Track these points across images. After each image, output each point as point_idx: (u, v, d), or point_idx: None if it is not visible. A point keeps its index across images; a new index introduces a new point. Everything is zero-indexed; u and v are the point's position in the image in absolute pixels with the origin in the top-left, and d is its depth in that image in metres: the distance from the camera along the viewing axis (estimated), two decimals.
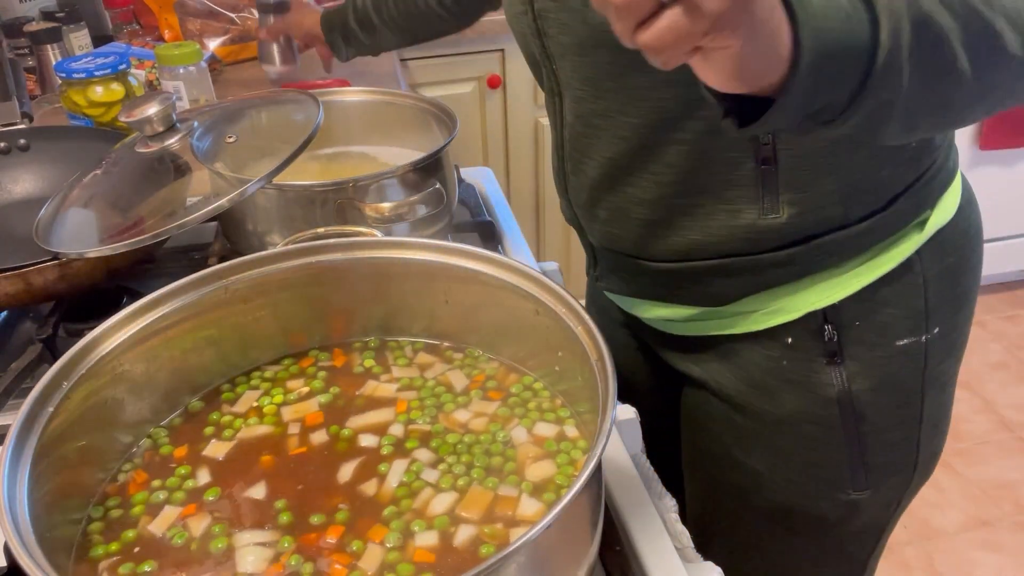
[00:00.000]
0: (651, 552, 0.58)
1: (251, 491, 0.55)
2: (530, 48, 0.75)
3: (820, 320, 0.72)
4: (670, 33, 0.39)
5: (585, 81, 0.69)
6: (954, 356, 0.78)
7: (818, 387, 0.73)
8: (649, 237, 0.74)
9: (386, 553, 0.50)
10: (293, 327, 0.66)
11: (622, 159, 0.70)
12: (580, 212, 0.80)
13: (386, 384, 0.63)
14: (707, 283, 0.74)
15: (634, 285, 0.80)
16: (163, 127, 0.78)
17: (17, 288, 0.74)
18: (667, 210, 0.71)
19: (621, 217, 0.74)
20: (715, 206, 0.69)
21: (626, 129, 0.68)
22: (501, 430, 0.58)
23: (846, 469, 0.76)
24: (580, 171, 0.76)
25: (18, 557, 0.40)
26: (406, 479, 0.55)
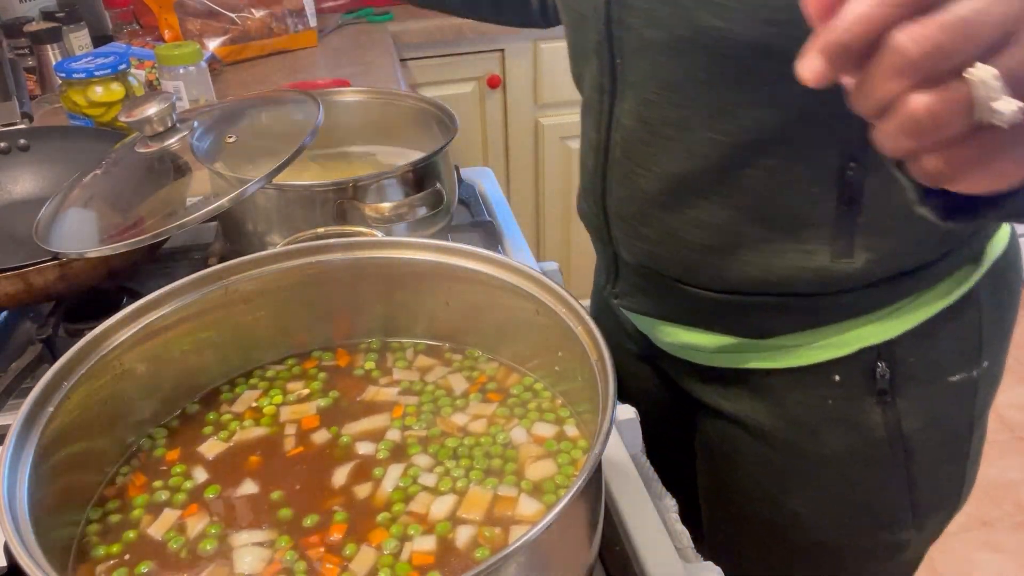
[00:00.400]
0: (651, 552, 0.58)
1: (248, 492, 0.55)
2: (586, 35, 0.66)
3: (873, 357, 0.68)
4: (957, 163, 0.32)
5: (664, 85, 0.62)
6: (996, 388, 0.76)
7: (866, 426, 0.70)
8: (702, 264, 0.68)
9: (382, 556, 0.50)
10: (294, 328, 0.66)
11: (692, 177, 0.64)
12: (619, 224, 0.72)
13: (386, 388, 0.63)
14: (753, 317, 0.69)
15: (664, 308, 0.75)
16: (163, 127, 0.78)
17: (17, 288, 0.74)
18: (730, 239, 0.65)
19: (673, 238, 0.68)
20: (784, 243, 0.64)
21: (706, 145, 0.62)
22: (501, 431, 0.58)
23: (894, 509, 0.73)
24: (631, 182, 0.68)
25: (18, 557, 0.40)
26: (402, 483, 0.55)
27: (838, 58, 0.31)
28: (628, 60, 0.63)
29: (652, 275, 0.72)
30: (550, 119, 2.06)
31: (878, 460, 0.71)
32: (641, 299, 0.76)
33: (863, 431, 0.70)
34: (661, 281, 0.72)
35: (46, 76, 1.44)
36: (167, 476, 0.56)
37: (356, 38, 1.76)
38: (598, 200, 0.73)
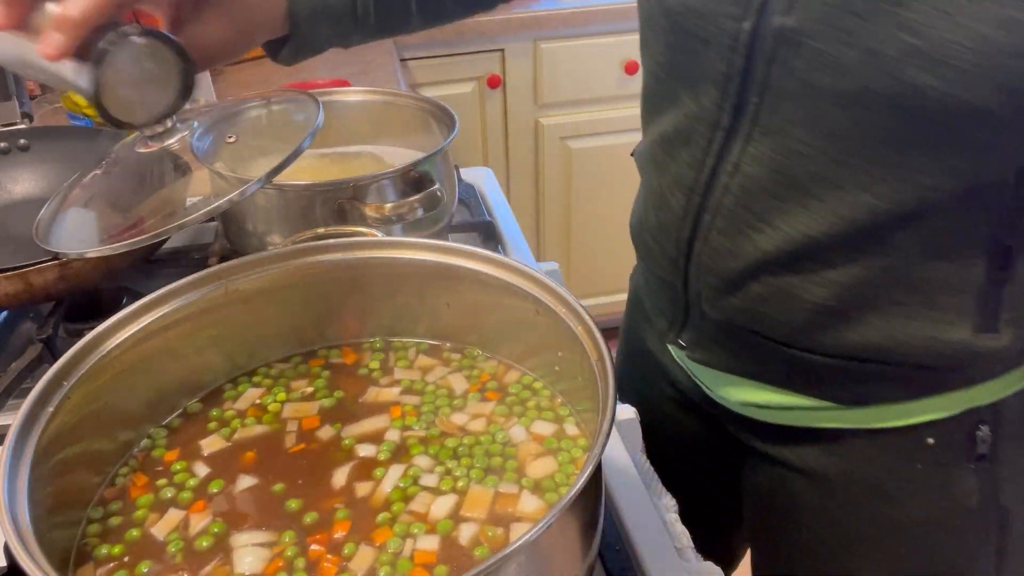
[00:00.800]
0: (651, 552, 0.58)
1: (248, 493, 0.55)
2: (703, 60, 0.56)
3: (975, 420, 0.61)
4: None
5: (822, 136, 0.53)
6: None
7: (958, 495, 0.63)
8: (815, 326, 0.60)
9: (383, 555, 0.50)
10: (294, 328, 0.66)
11: (831, 239, 0.56)
12: (709, 278, 0.63)
13: (388, 388, 0.63)
14: (858, 384, 0.62)
15: (746, 366, 0.67)
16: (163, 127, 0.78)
17: (17, 288, 0.74)
18: (857, 300, 0.58)
19: (786, 298, 0.60)
20: (919, 310, 0.57)
21: (859, 209, 0.54)
22: (500, 430, 0.58)
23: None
24: (742, 235, 0.59)
25: (18, 557, 0.40)
26: (402, 483, 0.55)
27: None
28: (773, 101, 0.54)
29: (741, 332, 0.64)
30: (550, 119, 2.05)
31: (967, 530, 0.64)
32: (718, 353, 0.68)
33: (953, 499, 0.63)
34: (752, 340, 0.64)
35: None
36: (168, 475, 0.56)
37: None
38: (680, 247, 0.64)
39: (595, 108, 2.06)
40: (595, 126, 2.07)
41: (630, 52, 1.97)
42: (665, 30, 0.60)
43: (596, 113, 2.06)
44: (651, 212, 0.68)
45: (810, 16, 0.50)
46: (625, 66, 2.00)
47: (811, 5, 0.50)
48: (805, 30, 0.50)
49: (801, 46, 0.51)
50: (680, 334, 0.70)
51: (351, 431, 0.59)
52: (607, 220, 2.20)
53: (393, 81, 1.50)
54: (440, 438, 0.58)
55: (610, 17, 1.93)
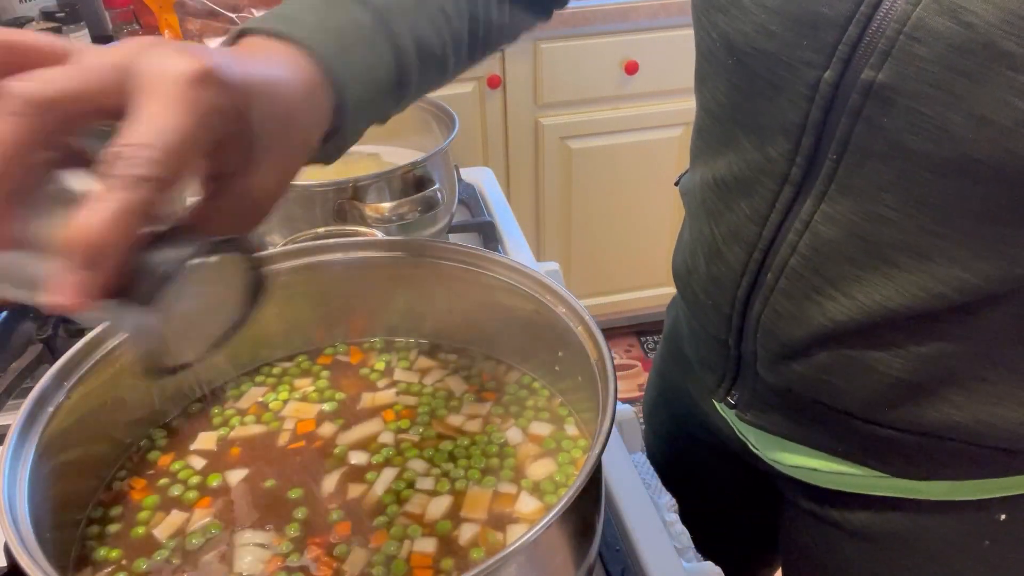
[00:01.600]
0: (651, 552, 0.58)
1: (248, 493, 0.55)
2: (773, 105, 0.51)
3: None
4: None
5: (913, 205, 0.48)
6: None
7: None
8: (890, 400, 0.55)
9: (376, 555, 0.50)
10: (295, 328, 0.66)
11: (914, 313, 0.51)
12: (768, 343, 0.58)
13: (388, 389, 0.63)
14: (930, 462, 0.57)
15: (810, 435, 0.62)
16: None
17: None
18: (940, 375, 0.53)
19: (859, 370, 0.55)
20: (1008, 389, 0.53)
21: (948, 283, 0.49)
22: (497, 431, 0.58)
23: None
24: (811, 302, 0.54)
25: (18, 557, 0.40)
26: (394, 486, 0.55)
27: None
28: (855, 161, 0.49)
29: (803, 401, 0.59)
30: (550, 119, 2.05)
31: None
32: (773, 418, 0.63)
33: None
34: (816, 409, 0.59)
35: None
36: (165, 476, 0.56)
37: None
38: (736, 305, 0.59)
39: (595, 108, 2.06)
40: (595, 126, 2.07)
41: (630, 52, 1.97)
42: (728, 69, 0.54)
43: (596, 113, 2.06)
44: (701, 261, 0.63)
45: (908, 73, 0.44)
46: (625, 66, 2.00)
47: (911, 60, 0.44)
48: (900, 88, 0.44)
49: (894, 105, 0.45)
50: (730, 393, 0.65)
51: (346, 432, 0.59)
52: (607, 220, 2.20)
53: None
54: (436, 440, 0.58)
55: (610, 17, 1.93)
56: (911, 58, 0.43)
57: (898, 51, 0.44)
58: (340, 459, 0.57)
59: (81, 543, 0.52)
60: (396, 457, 0.57)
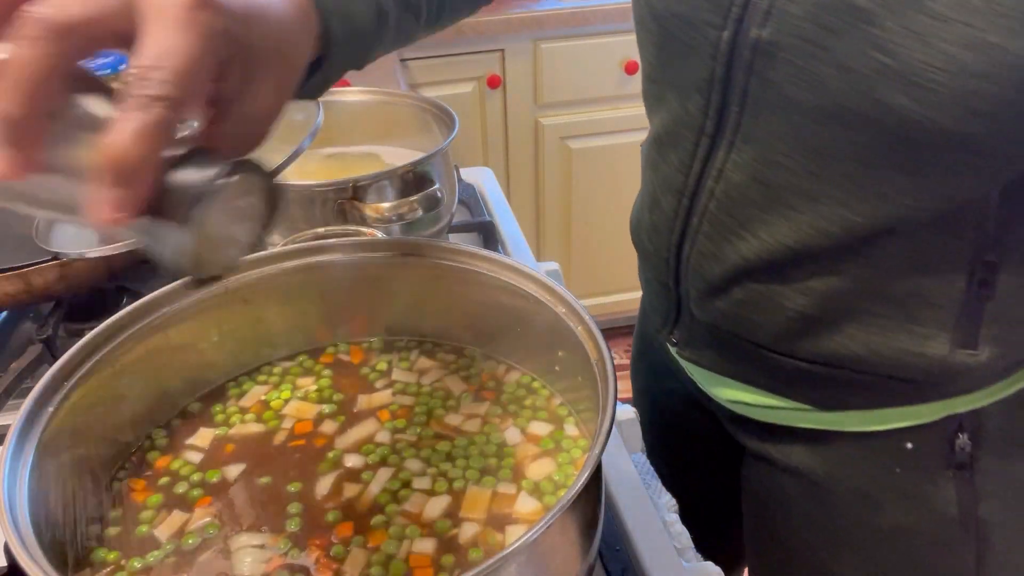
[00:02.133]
0: (651, 552, 0.58)
1: (246, 492, 0.55)
2: (688, 67, 0.57)
3: (954, 427, 0.61)
4: None
5: (802, 150, 0.54)
6: None
7: (937, 502, 0.63)
8: (797, 333, 0.61)
9: (374, 555, 0.50)
10: (295, 327, 0.66)
11: (810, 251, 0.57)
12: (696, 280, 0.65)
13: (388, 389, 0.63)
14: (839, 391, 0.63)
15: (735, 368, 0.68)
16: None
17: (17, 288, 0.74)
18: (838, 310, 0.59)
19: (768, 305, 0.61)
20: (900, 323, 0.58)
21: (835, 222, 0.55)
22: (496, 431, 0.58)
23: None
24: (726, 241, 0.60)
25: (18, 557, 0.40)
26: (390, 486, 0.54)
27: None
28: (753, 111, 0.55)
29: (726, 336, 0.65)
30: (550, 119, 2.06)
31: (945, 540, 0.64)
32: (708, 354, 0.69)
33: (932, 507, 0.63)
34: (736, 343, 0.65)
35: None
36: (167, 475, 0.56)
37: None
38: (671, 246, 0.65)
39: (595, 108, 2.06)
40: (595, 126, 2.07)
41: (630, 52, 1.97)
42: (654, 33, 0.61)
43: (596, 113, 2.06)
44: (646, 212, 0.69)
45: (784, 29, 0.50)
46: (625, 66, 2.00)
47: (785, 18, 0.50)
48: (780, 43, 0.50)
49: (776, 59, 0.51)
50: (672, 332, 0.72)
51: (344, 432, 0.59)
52: (607, 220, 2.20)
53: (393, 81, 1.50)
54: (434, 440, 0.58)
55: (610, 17, 1.93)
56: (786, 16, 0.50)
57: (776, 10, 0.50)
58: (337, 459, 0.57)
59: (81, 543, 0.52)
60: (392, 456, 0.57)
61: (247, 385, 0.64)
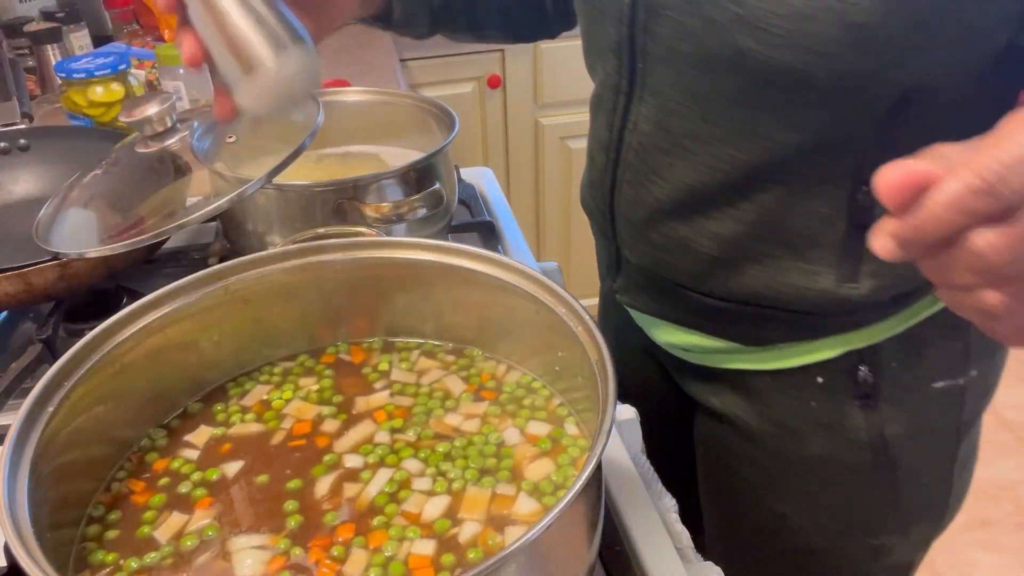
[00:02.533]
0: (651, 552, 0.58)
1: (246, 494, 0.55)
2: (604, 31, 0.65)
3: (856, 361, 0.68)
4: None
5: (690, 97, 0.61)
6: (988, 398, 0.75)
7: (849, 430, 0.70)
8: (707, 273, 0.68)
9: (374, 556, 0.50)
10: (295, 327, 0.66)
11: (707, 190, 0.64)
12: (626, 226, 0.72)
13: (384, 391, 0.63)
14: (750, 326, 0.70)
15: (664, 309, 0.76)
16: (163, 127, 0.78)
17: (17, 288, 0.74)
18: (739, 252, 0.66)
19: (682, 247, 0.68)
20: (792, 263, 0.65)
21: (724, 161, 0.62)
22: (494, 431, 0.58)
23: (877, 514, 0.73)
24: (643, 187, 0.68)
25: (18, 557, 0.40)
26: (387, 488, 0.54)
27: (911, 247, 0.35)
28: (651, 66, 0.62)
29: (653, 277, 0.73)
30: (550, 119, 2.06)
31: (861, 466, 0.71)
32: (642, 297, 0.77)
33: (846, 435, 0.70)
34: (662, 284, 0.73)
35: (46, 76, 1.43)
36: (167, 475, 0.56)
37: (356, 38, 1.76)
38: (605, 198, 0.73)
39: None
40: None
41: None
42: (580, 3, 0.69)
43: None
44: (586, 172, 0.77)
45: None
46: None
47: None
48: (663, 2, 0.58)
49: (661, 16, 0.59)
50: (615, 280, 0.78)
51: (343, 431, 0.59)
52: None
53: (393, 81, 1.50)
54: (432, 441, 0.58)
55: None
56: None
57: None
58: (335, 459, 0.57)
59: (81, 543, 0.52)
60: (390, 456, 0.57)
61: (248, 384, 0.64)
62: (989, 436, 2.08)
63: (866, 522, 0.74)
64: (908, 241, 0.34)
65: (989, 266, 0.33)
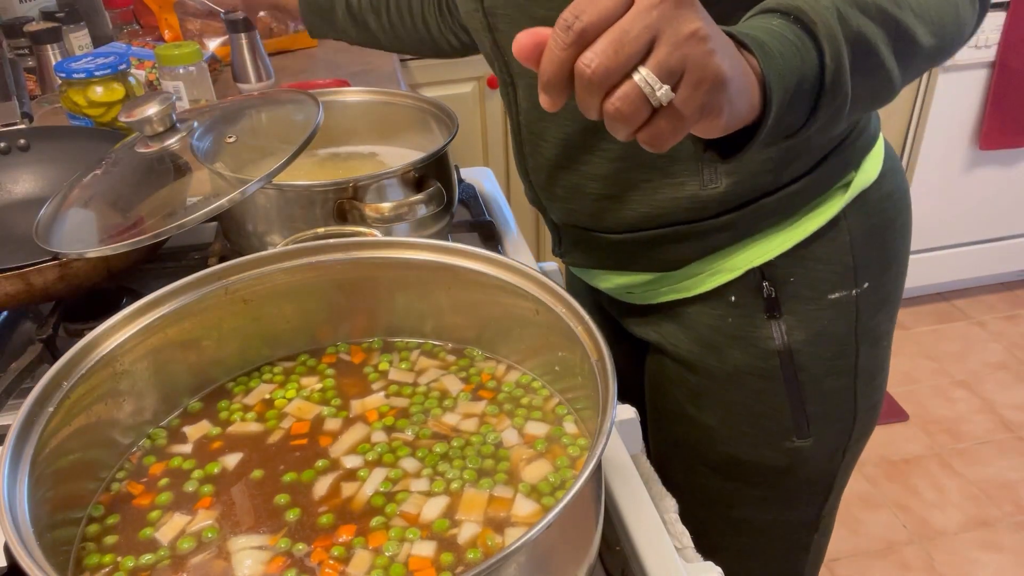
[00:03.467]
0: (651, 552, 0.58)
1: (245, 494, 0.55)
2: (483, 42, 0.80)
3: (758, 278, 0.77)
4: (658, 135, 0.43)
5: None
6: (885, 312, 0.83)
7: (760, 341, 0.79)
8: (603, 211, 0.79)
9: (383, 559, 0.50)
10: (295, 327, 0.66)
11: (574, 138, 0.75)
12: (541, 192, 0.85)
13: (381, 391, 0.63)
14: (657, 250, 0.79)
15: (594, 257, 0.86)
16: (163, 127, 0.78)
17: (17, 288, 0.74)
18: (618, 185, 0.76)
19: (577, 193, 0.79)
20: (661, 180, 0.75)
21: (576, 111, 0.67)
22: (492, 431, 0.58)
23: (788, 419, 0.82)
24: (537, 153, 0.81)
25: (18, 557, 0.40)
26: (383, 488, 0.54)
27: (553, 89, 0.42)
28: (510, 56, 0.76)
29: (576, 230, 0.84)
30: None
31: (772, 372, 0.80)
32: (577, 254, 0.87)
33: (758, 345, 0.80)
34: (580, 234, 0.84)
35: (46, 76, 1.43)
36: (166, 475, 0.56)
37: None
38: (525, 176, 0.85)
39: None
40: None
41: None
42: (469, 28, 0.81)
43: None
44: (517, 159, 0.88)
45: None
46: None
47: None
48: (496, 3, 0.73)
49: (497, 15, 0.74)
50: (559, 247, 0.89)
51: (341, 431, 0.59)
52: None
53: (393, 81, 1.50)
54: (430, 441, 0.58)
55: None
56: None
57: None
58: (333, 459, 0.57)
59: (80, 543, 0.52)
60: (388, 455, 0.57)
61: (252, 383, 0.64)
62: (989, 436, 2.08)
63: (779, 427, 0.83)
64: (548, 84, 0.42)
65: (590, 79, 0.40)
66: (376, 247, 0.63)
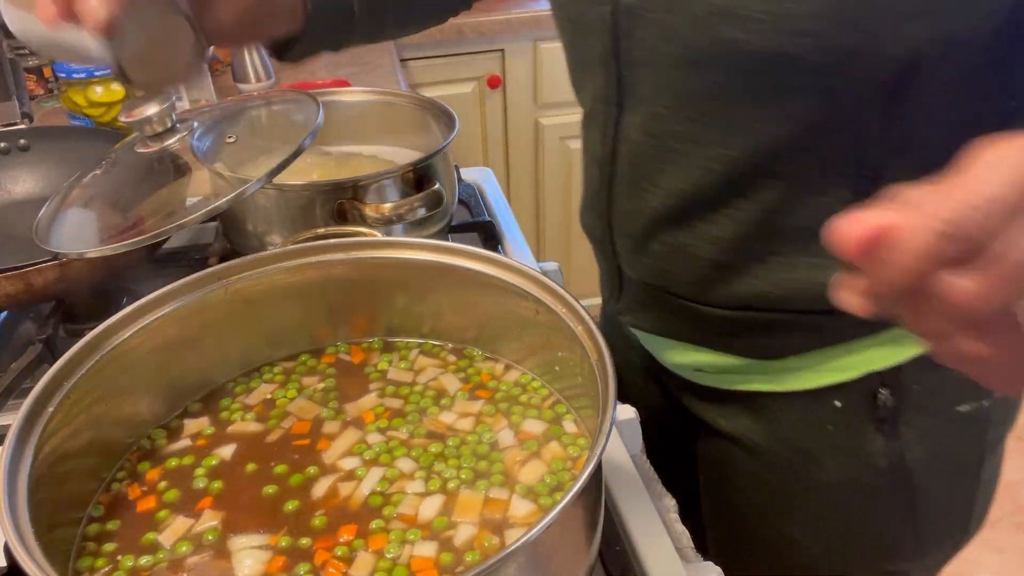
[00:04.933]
0: (651, 552, 0.58)
1: (245, 495, 0.55)
2: (590, 45, 0.64)
3: (875, 383, 0.66)
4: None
5: (675, 99, 0.60)
6: (1012, 418, 0.72)
7: (867, 455, 0.68)
8: (709, 280, 0.66)
9: (386, 562, 0.50)
10: (295, 327, 0.66)
11: (703, 192, 0.62)
12: (624, 240, 0.71)
13: (379, 391, 0.63)
14: (761, 335, 0.68)
15: (671, 326, 0.73)
16: (163, 127, 0.78)
17: (17, 288, 0.74)
18: (741, 253, 0.64)
19: (682, 255, 0.66)
20: (795, 257, 0.62)
21: (717, 161, 0.60)
22: (488, 431, 0.58)
23: (893, 540, 0.71)
24: (638, 197, 0.66)
25: (18, 557, 0.40)
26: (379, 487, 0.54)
27: (882, 301, 0.33)
28: (636, 72, 0.61)
29: (657, 292, 0.71)
30: (550, 119, 2.06)
31: (879, 490, 0.69)
32: (646, 316, 0.75)
33: (864, 460, 0.68)
34: (666, 299, 0.70)
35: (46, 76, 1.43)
36: (166, 476, 0.56)
37: None
38: (602, 215, 0.71)
39: None
40: None
41: None
42: (561, 21, 0.68)
43: None
44: (584, 191, 0.75)
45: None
46: None
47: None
48: (642, 5, 0.58)
49: (643, 20, 0.58)
50: (619, 301, 0.77)
51: (339, 432, 0.59)
52: None
53: (393, 81, 1.51)
54: (425, 440, 0.58)
55: None
56: None
57: None
58: (331, 460, 0.57)
59: (81, 540, 0.52)
60: (385, 455, 0.57)
61: (253, 383, 0.64)
62: None
63: (881, 547, 0.72)
64: (879, 296, 0.33)
65: (967, 314, 0.32)
66: (376, 247, 0.63)
